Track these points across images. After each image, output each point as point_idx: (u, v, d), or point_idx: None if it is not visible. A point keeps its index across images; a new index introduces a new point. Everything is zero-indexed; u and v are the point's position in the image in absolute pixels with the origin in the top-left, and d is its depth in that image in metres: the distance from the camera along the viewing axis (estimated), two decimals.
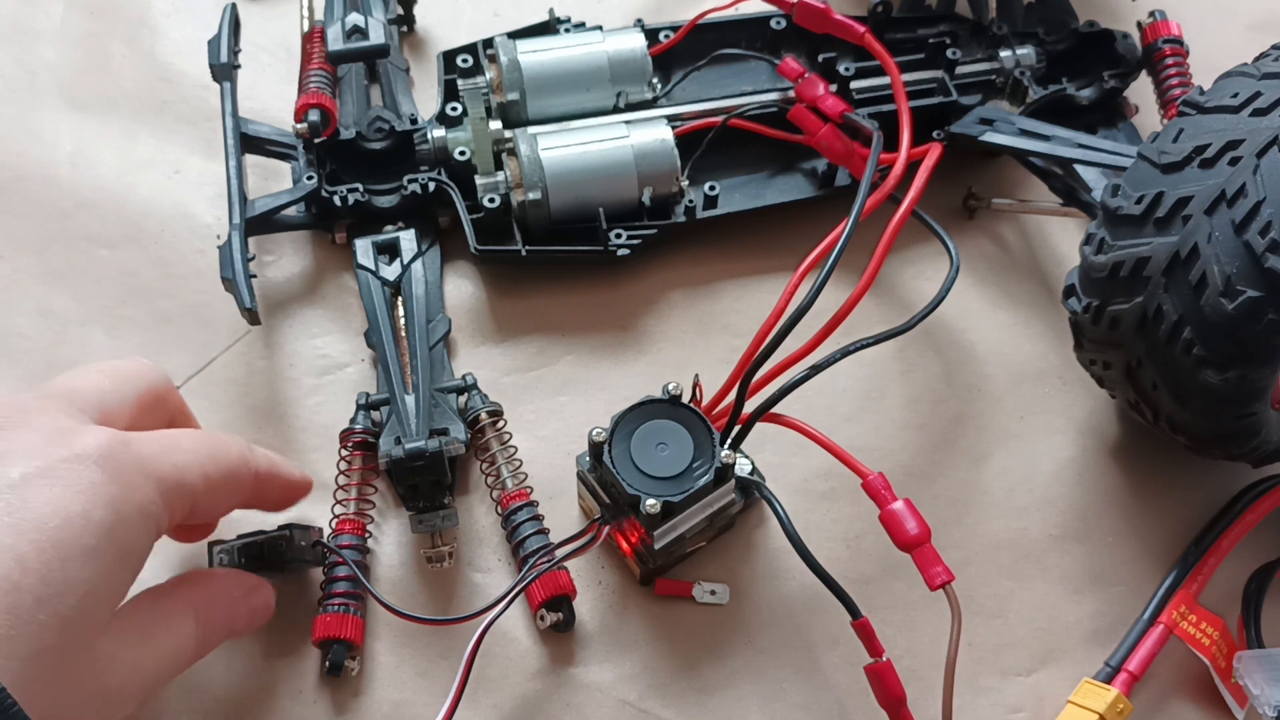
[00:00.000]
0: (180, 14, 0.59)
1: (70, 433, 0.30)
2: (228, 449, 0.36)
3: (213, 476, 0.34)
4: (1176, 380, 0.40)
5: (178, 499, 0.32)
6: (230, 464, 0.35)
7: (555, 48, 0.52)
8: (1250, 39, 0.60)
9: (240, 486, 0.36)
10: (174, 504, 0.32)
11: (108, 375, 0.36)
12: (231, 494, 0.36)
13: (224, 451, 0.35)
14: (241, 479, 0.36)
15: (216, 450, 0.35)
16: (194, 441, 0.34)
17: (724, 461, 0.40)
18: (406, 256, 0.50)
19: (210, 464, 0.34)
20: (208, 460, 0.34)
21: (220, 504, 0.36)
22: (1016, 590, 0.46)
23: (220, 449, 0.35)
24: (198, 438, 0.35)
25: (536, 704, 0.43)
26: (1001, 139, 0.51)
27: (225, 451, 0.35)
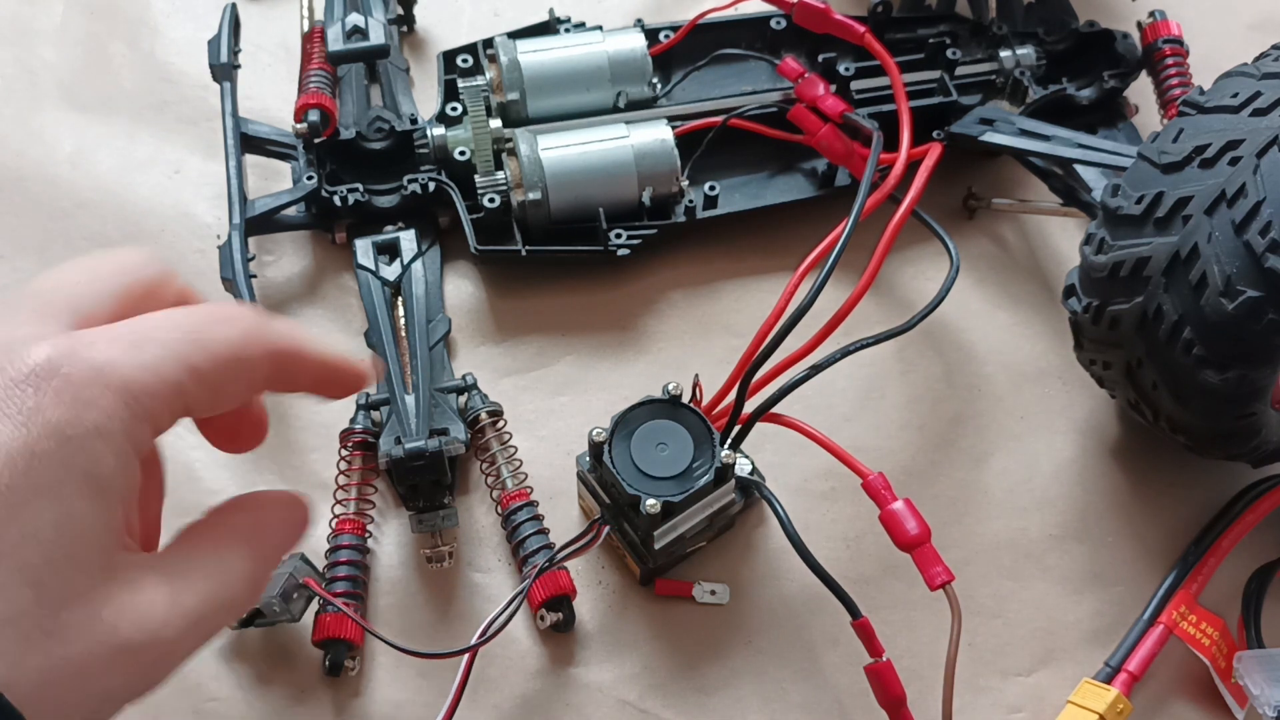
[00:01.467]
0: (180, 14, 0.59)
1: (17, 348, 0.26)
2: (222, 327, 0.29)
3: (202, 366, 0.28)
4: (1176, 380, 0.40)
5: (157, 404, 0.27)
6: (227, 346, 0.29)
7: (555, 48, 0.52)
8: (1250, 39, 0.60)
9: (250, 369, 0.30)
10: (153, 411, 0.27)
11: (85, 269, 0.31)
12: (240, 380, 0.30)
13: (215, 332, 0.29)
14: (249, 360, 0.29)
15: (204, 332, 0.28)
16: (171, 327, 0.28)
17: (724, 461, 0.40)
18: (406, 256, 0.50)
19: (196, 351, 0.28)
20: (192, 347, 0.28)
21: (227, 395, 0.30)
22: (1016, 590, 0.46)
23: (209, 328, 0.29)
24: (176, 321, 0.28)
25: (536, 704, 0.43)
26: (1001, 139, 0.51)
27: (217, 331, 0.29)
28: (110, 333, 0.27)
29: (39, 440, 0.24)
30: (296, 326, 0.32)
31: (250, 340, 0.29)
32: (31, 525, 0.24)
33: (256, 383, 0.30)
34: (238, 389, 0.30)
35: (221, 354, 0.28)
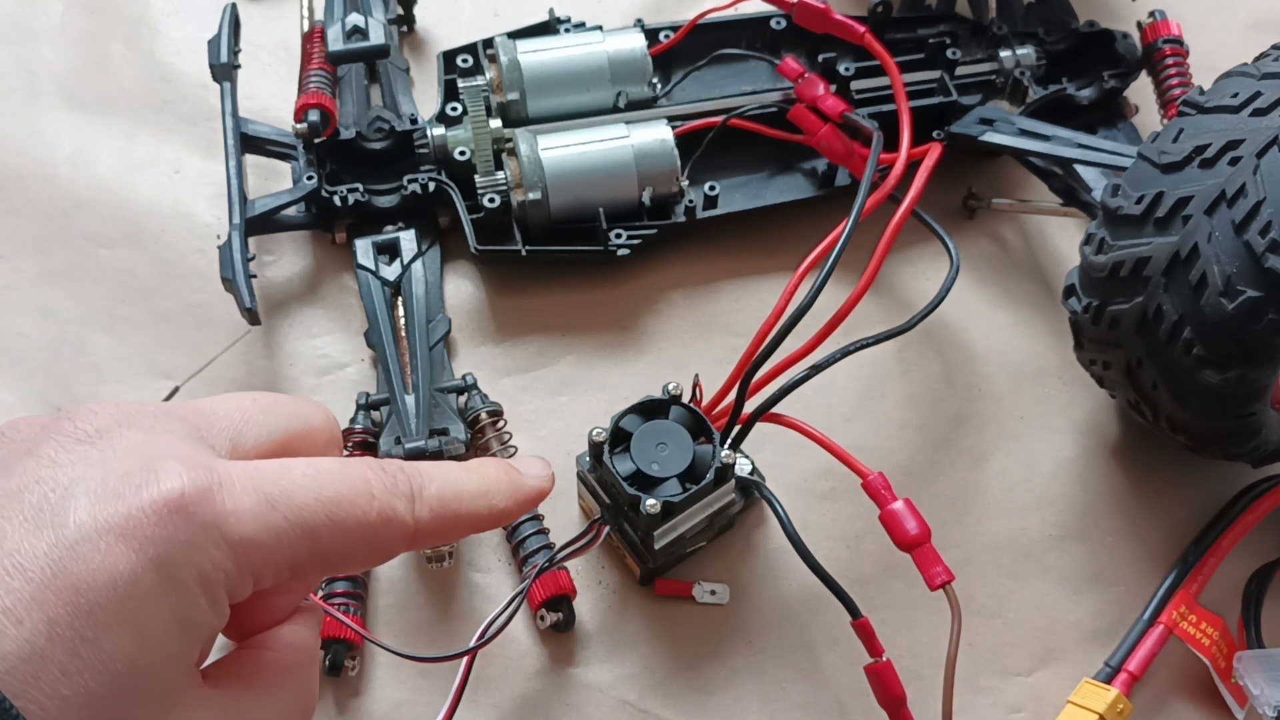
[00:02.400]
0: (180, 14, 0.59)
1: (157, 468, 0.25)
2: (363, 505, 0.28)
3: (326, 540, 0.27)
4: (1176, 380, 0.40)
5: (265, 566, 0.26)
6: (361, 528, 0.28)
7: (555, 48, 0.52)
8: (1250, 39, 0.60)
9: (377, 551, 0.29)
10: (261, 573, 0.26)
11: (259, 403, 0.30)
12: (360, 560, 0.29)
13: (355, 509, 0.28)
14: (379, 544, 0.29)
15: (341, 507, 0.27)
16: (312, 491, 0.27)
17: (724, 461, 0.40)
18: (406, 256, 0.50)
19: (327, 527, 0.27)
20: (324, 521, 0.27)
21: (339, 569, 0.29)
22: (1016, 590, 0.46)
23: (350, 504, 0.28)
24: (320, 483, 0.27)
25: (536, 704, 0.43)
26: (1001, 139, 0.51)
27: (356, 509, 0.28)
28: (252, 478, 0.27)
29: (145, 572, 0.24)
30: (452, 487, 0.30)
31: (387, 523, 0.28)
32: (110, 651, 0.24)
33: (381, 560, 0.30)
34: (358, 563, 0.29)
35: (351, 532, 0.28)
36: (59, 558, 0.24)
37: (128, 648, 0.24)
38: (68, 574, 0.23)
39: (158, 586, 0.24)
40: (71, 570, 0.23)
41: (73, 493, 0.25)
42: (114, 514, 0.24)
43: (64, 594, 0.23)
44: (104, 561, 0.24)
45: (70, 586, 0.23)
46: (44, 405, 0.48)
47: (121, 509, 0.24)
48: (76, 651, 0.23)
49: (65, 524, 0.24)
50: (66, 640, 0.23)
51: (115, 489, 0.25)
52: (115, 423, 0.27)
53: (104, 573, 0.24)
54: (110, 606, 0.24)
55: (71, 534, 0.24)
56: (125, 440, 0.26)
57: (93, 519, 0.24)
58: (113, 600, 0.24)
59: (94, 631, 0.23)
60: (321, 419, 0.31)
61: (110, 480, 0.25)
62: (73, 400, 0.48)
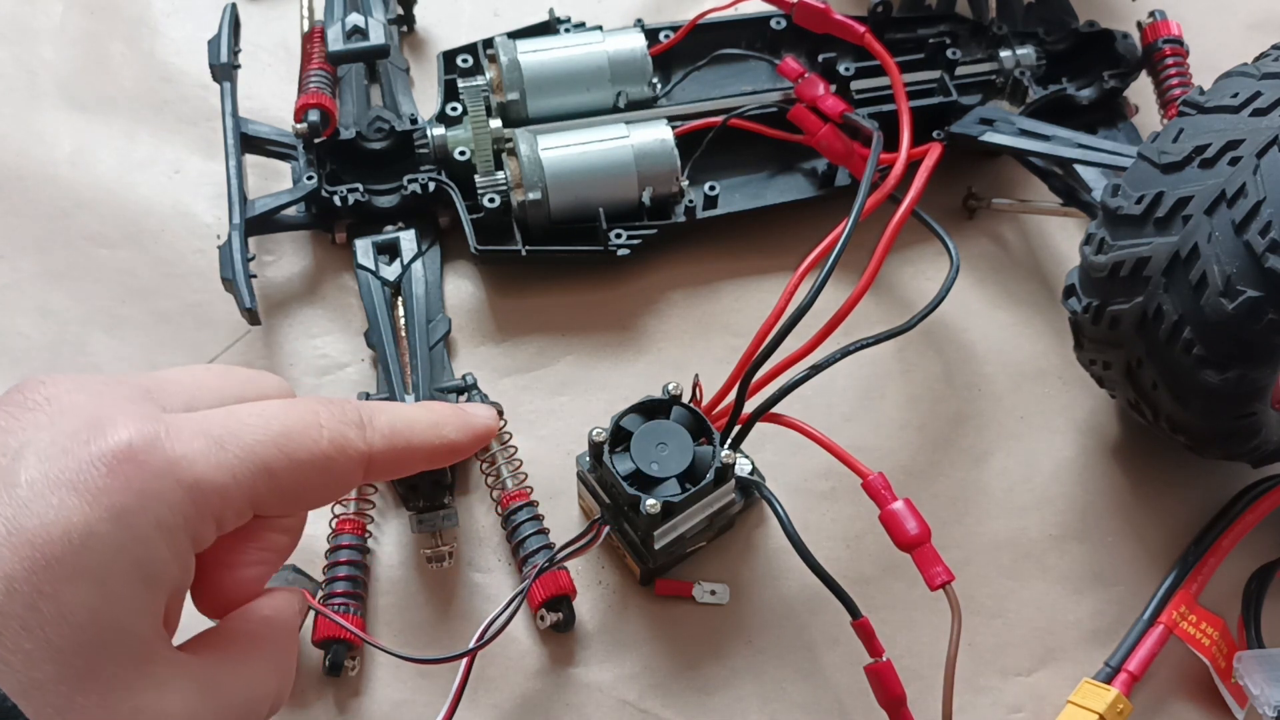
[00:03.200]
0: (180, 14, 0.59)
1: (103, 424, 0.26)
2: (313, 435, 0.28)
3: (282, 474, 0.27)
4: (1176, 380, 0.40)
5: (225, 505, 0.26)
6: (312, 455, 0.28)
7: (555, 48, 0.52)
8: (1250, 39, 0.60)
9: (334, 480, 0.29)
10: (220, 511, 0.26)
11: (211, 371, 0.30)
12: (319, 491, 0.29)
13: (304, 439, 0.28)
14: (335, 472, 0.29)
15: (292, 438, 0.27)
16: (259, 427, 0.27)
17: (724, 461, 0.40)
18: (406, 256, 0.50)
19: (279, 457, 0.27)
20: (275, 452, 0.27)
21: (301, 502, 0.29)
22: (1016, 590, 0.46)
23: (300, 434, 0.28)
24: (266, 420, 0.28)
25: (536, 704, 0.43)
26: (1001, 139, 0.51)
27: (306, 438, 0.28)
28: (198, 423, 0.27)
29: (100, 522, 0.24)
30: (401, 418, 0.31)
31: (339, 449, 0.29)
32: (69, 604, 0.24)
33: (340, 491, 0.30)
34: (317, 495, 0.29)
35: (305, 462, 0.28)
36: (12, 515, 0.24)
37: (87, 598, 0.24)
38: (22, 530, 0.24)
39: (114, 536, 0.25)
40: (26, 526, 0.24)
41: (23, 454, 0.25)
42: (64, 468, 0.25)
43: (19, 550, 0.24)
44: (57, 515, 0.24)
45: (25, 542, 0.24)
46: None
47: (71, 463, 0.25)
48: (35, 606, 0.23)
49: (17, 483, 0.24)
50: (24, 595, 0.23)
51: (64, 446, 0.25)
52: (63, 390, 0.27)
53: (58, 526, 0.24)
54: (67, 560, 0.24)
55: (24, 492, 0.24)
56: (73, 402, 0.27)
57: (43, 475, 0.25)
58: (68, 553, 0.24)
59: (52, 585, 0.24)
60: (275, 385, 0.31)
61: (59, 439, 0.25)
62: None
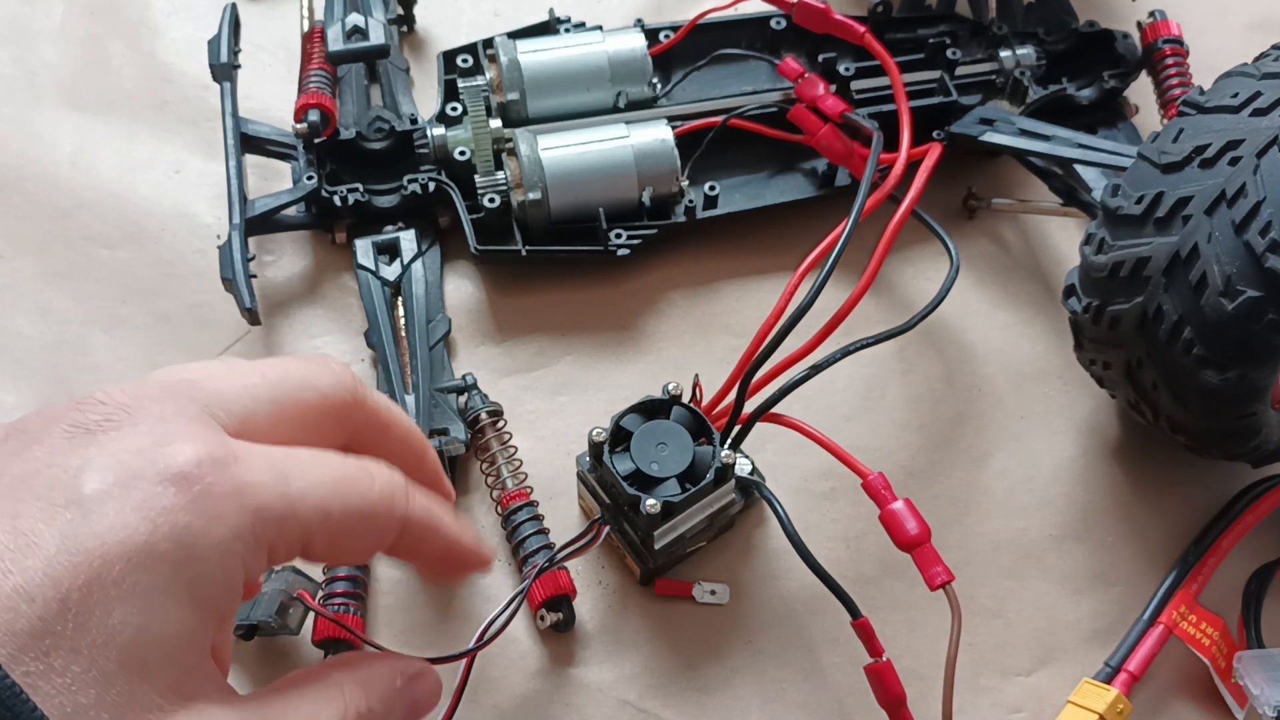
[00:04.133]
0: (180, 14, 0.59)
1: (170, 443, 0.25)
2: (365, 485, 0.29)
3: (335, 517, 0.28)
4: (1176, 380, 0.40)
5: (280, 538, 0.27)
6: (363, 504, 0.28)
7: (555, 48, 0.52)
8: (1250, 39, 0.60)
9: (377, 533, 0.29)
10: (274, 544, 0.26)
11: (265, 373, 0.30)
12: (362, 541, 0.29)
13: (358, 487, 0.28)
14: (379, 525, 0.29)
15: (347, 484, 0.28)
16: (319, 471, 0.28)
17: (724, 461, 0.40)
18: (406, 256, 0.50)
19: (334, 500, 0.28)
20: (332, 495, 0.28)
21: (346, 550, 0.29)
22: (1016, 590, 0.46)
23: (354, 482, 0.28)
24: (326, 466, 0.28)
25: (536, 704, 0.43)
26: (1001, 139, 0.51)
27: (360, 487, 0.29)
28: (263, 456, 0.27)
29: (161, 541, 0.24)
30: (435, 502, 0.32)
31: (387, 505, 0.29)
32: (119, 625, 0.23)
33: (378, 546, 0.30)
34: (358, 547, 0.29)
35: (355, 511, 0.28)
36: (73, 533, 0.23)
37: (137, 619, 0.24)
38: (82, 549, 0.23)
39: (172, 556, 0.24)
40: (86, 545, 0.23)
41: (85, 471, 0.25)
42: (128, 485, 0.24)
43: (78, 569, 0.23)
44: (120, 535, 0.24)
45: (85, 561, 0.23)
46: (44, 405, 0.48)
47: (136, 482, 0.24)
48: (86, 626, 0.23)
49: (79, 500, 0.24)
50: (77, 615, 0.23)
51: (128, 464, 0.25)
52: (123, 406, 0.27)
53: (118, 545, 0.24)
54: (124, 579, 0.23)
55: (86, 506, 0.24)
56: (135, 421, 0.26)
57: (107, 491, 0.24)
58: (126, 572, 0.23)
59: (105, 605, 0.23)
60: (332, 383, 0.31)
61: (122, 456, 0.25)
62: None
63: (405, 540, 0.31)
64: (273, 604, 0.40)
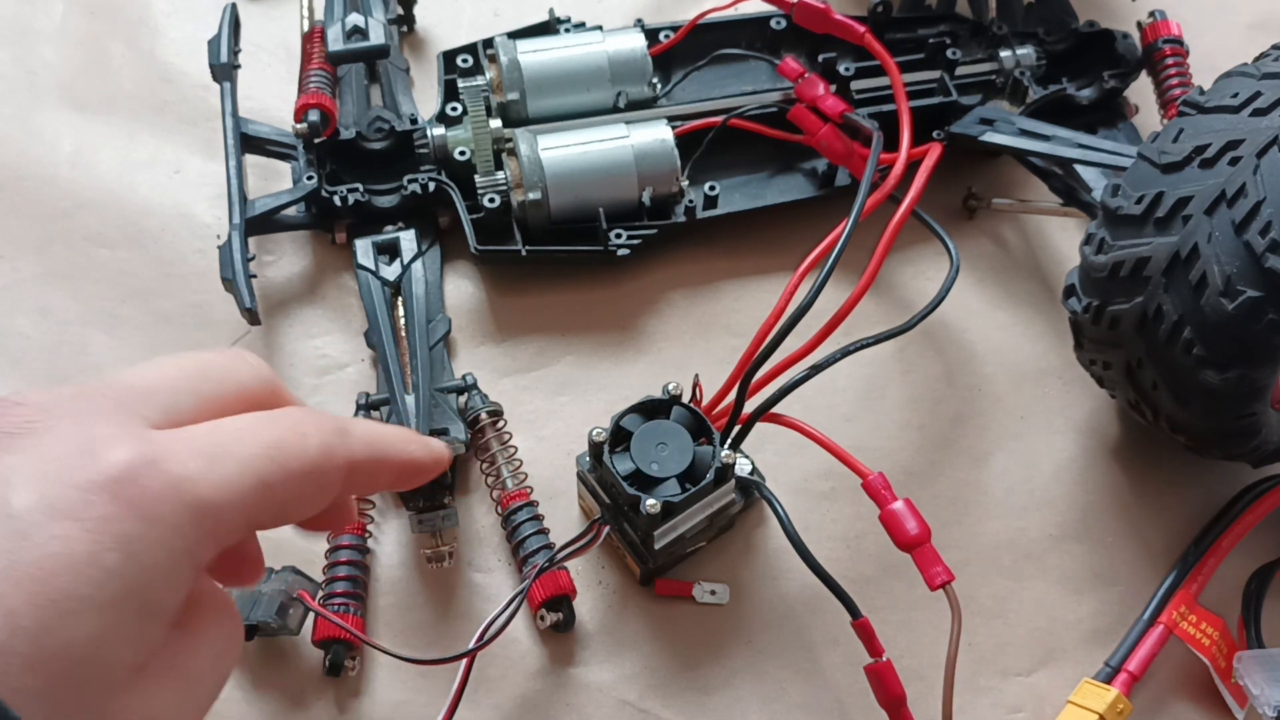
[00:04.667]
0: (180, 14, 0.59)
1: (96, 447, 0.25)
2: (301, 442, 0.28)
3: (276, 485, 0.27)
4: (1176, 380, 0.40)
5: (223, 525, 0.26)
6: (302, 463, 0.28)
7: (555, 48, 0.52)
8: (1250, 39, 0.60)
9: (322, 488, 0.29)
10: (218, 531, 0.26)
11: (184, 367, 0.29)
12: (309, 499, 0.29)
13: (293, 448, 0.28)
14: (324, 480, 0.29)
15: (282, 448, 0.27)
16: (251, 441, 0.27)
17: (724, 461, 0.40)
18: (406, 256, 0.50)
19: (272, 469, 0.27)
20: (269, 464, 0.27)
21: (294, 511, 0.29)
22: (1016, 590, 0.46)
23: (288, 444, 0.28)
24: (256, 433, 0.28)
25: (536, 704, 0.43)
26: (1001, 139, 0.51)
27: (295, 447, 0.28)
28: (190, 441, 0.26)
29: (106, 552, 0.23)
30: (375, 430, 0.31)
31: (327, 456, 0.29)
32: (73, 637, 0.23)
33: (327, 498, 0.30)
34: (306, 506, 0.29)
35: (297, 472, 0.28)
36: (10, 549, 0.23)
37: (91, 630, 0.23)
38: (23, 564, 0.23)
39: (119, 565, 0.24)
40: (26, 559, 0.23)
41: (12, 482, 0.24)
42: (61, 496, 0.24)
43: (21, 584, 0.23)
44: (60, 546, 0.23)
45: (27, 576, 0.23)
46: None
47: (68, 490, 0.24)
48: (40, 641, 0.23)
49: (11, 514, 0.23)
50: (29, 631, 0.22)
51: (56, 473, 0.24)
52: (41, 410, 0.26)
53: (61, 558, 0.23)
54: (71, 592, 0.23)
55: (21, 523, 0.23)
56: (56, 424, 0.25)
57: (39, 504, 0.23)
58: (73, 585, 0.23)
59: (56, 619, 0.23)
60: (250, 374, 0.30)
61: (48, 464, 0.24)
62: None
63: (354, 481, 0.30)
64: (273, 604, 0.40)
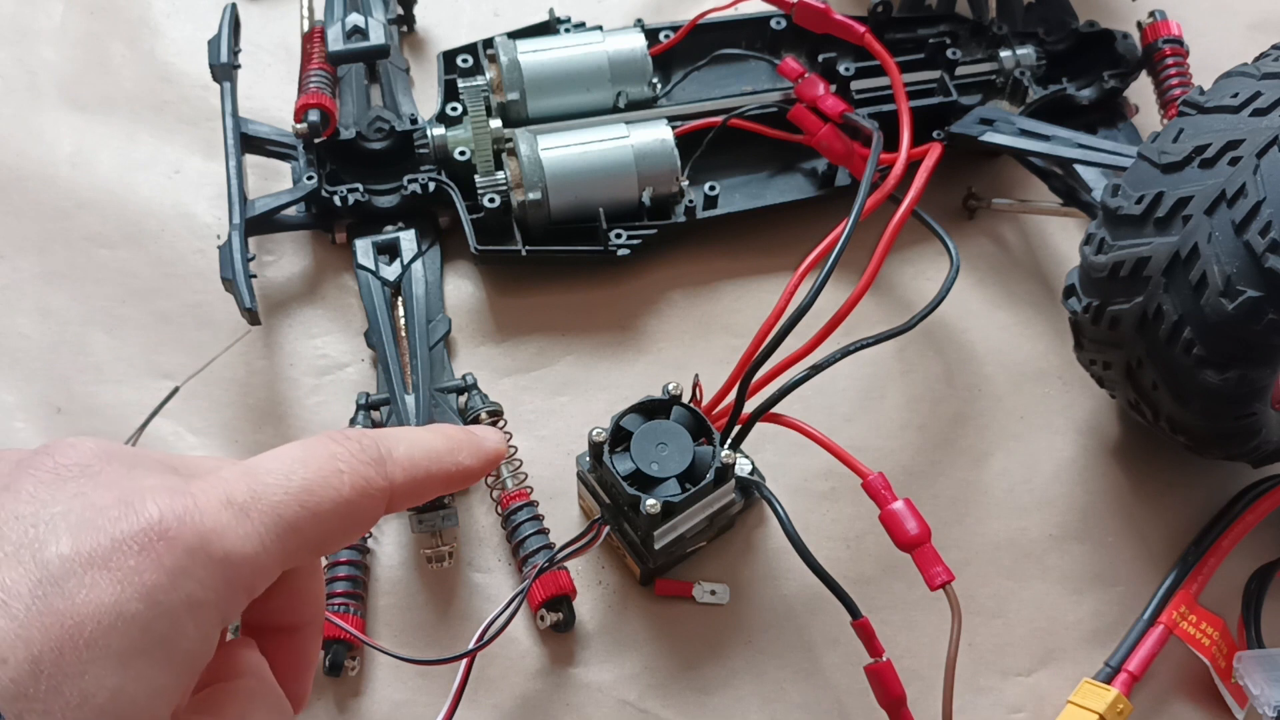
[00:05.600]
0: (180, 14, 0.59)
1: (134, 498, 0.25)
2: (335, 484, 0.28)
3: (308, 529, 0.27)
4: (1176, 380, 0.40)
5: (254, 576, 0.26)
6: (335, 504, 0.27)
7: (555, 48, 0.52)
8: (1250, 39, 0.60)
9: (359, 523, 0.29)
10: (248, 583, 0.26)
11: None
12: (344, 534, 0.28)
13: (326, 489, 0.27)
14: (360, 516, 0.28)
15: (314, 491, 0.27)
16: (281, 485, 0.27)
17: (724, 461, 0.40)
18: (406, 256, 0.50)
19: (303, 516, 0.27)
20: (299, 511, 0.27)
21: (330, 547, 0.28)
22: (1016, 590, 0.46)
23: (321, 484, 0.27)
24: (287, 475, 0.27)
25: (536, 704, 0.43)
26: (1001, 139, 0.51)
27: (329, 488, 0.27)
28: (221, 489, 0.26)
29: (130, 602, 0.24)
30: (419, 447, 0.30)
31: (362, 493, 0.28)
32: (92, 687, 0.23)
33: (365, 529, 0.29)
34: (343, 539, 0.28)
35: (329, 514, 0.27)
36: (43, 594, 0.23)
37: (111, 681, 0.23)
38: (53, 610, 0.23)
39: (145, 615, 0.24)
40: (56, 606, 0.23)
41: (54, 527, 0.24)
42: (96, 546, 0.24)
43: (49, 630, 0.23)
44: (89, 595, 0.23)
45: (55, 623, 0.23)
46: (44, 405, 0.48)
47: (103, 541, 0.24)
48: (59, 689, 0.23)
49: (48, 560, 0.24)
50: (51, 677, 0.23)
51: (95, 522, 0.24)
52: (95, 457, 0.26)
53: (89, 606, 0.23)
54: (96, 641, 0.23)
55: (55, 569, 0.24)
56: (104, 475, 0.26)
57: (75, 552, 0.24)
58: (98, 634, 0.23)
59: (78, 667, 0.23)
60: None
61: (90, 514, 0.25)
62: (73, 400, 0.48)
63: (399, 501, 0.30)
64: None
